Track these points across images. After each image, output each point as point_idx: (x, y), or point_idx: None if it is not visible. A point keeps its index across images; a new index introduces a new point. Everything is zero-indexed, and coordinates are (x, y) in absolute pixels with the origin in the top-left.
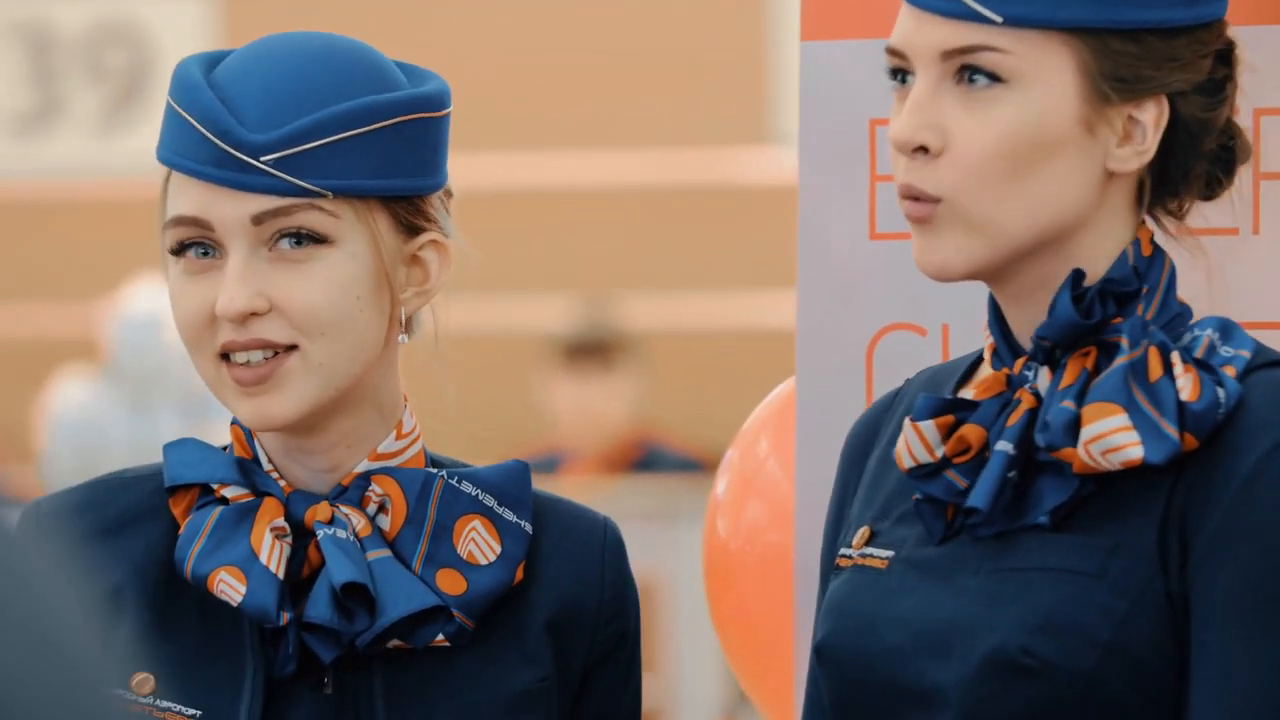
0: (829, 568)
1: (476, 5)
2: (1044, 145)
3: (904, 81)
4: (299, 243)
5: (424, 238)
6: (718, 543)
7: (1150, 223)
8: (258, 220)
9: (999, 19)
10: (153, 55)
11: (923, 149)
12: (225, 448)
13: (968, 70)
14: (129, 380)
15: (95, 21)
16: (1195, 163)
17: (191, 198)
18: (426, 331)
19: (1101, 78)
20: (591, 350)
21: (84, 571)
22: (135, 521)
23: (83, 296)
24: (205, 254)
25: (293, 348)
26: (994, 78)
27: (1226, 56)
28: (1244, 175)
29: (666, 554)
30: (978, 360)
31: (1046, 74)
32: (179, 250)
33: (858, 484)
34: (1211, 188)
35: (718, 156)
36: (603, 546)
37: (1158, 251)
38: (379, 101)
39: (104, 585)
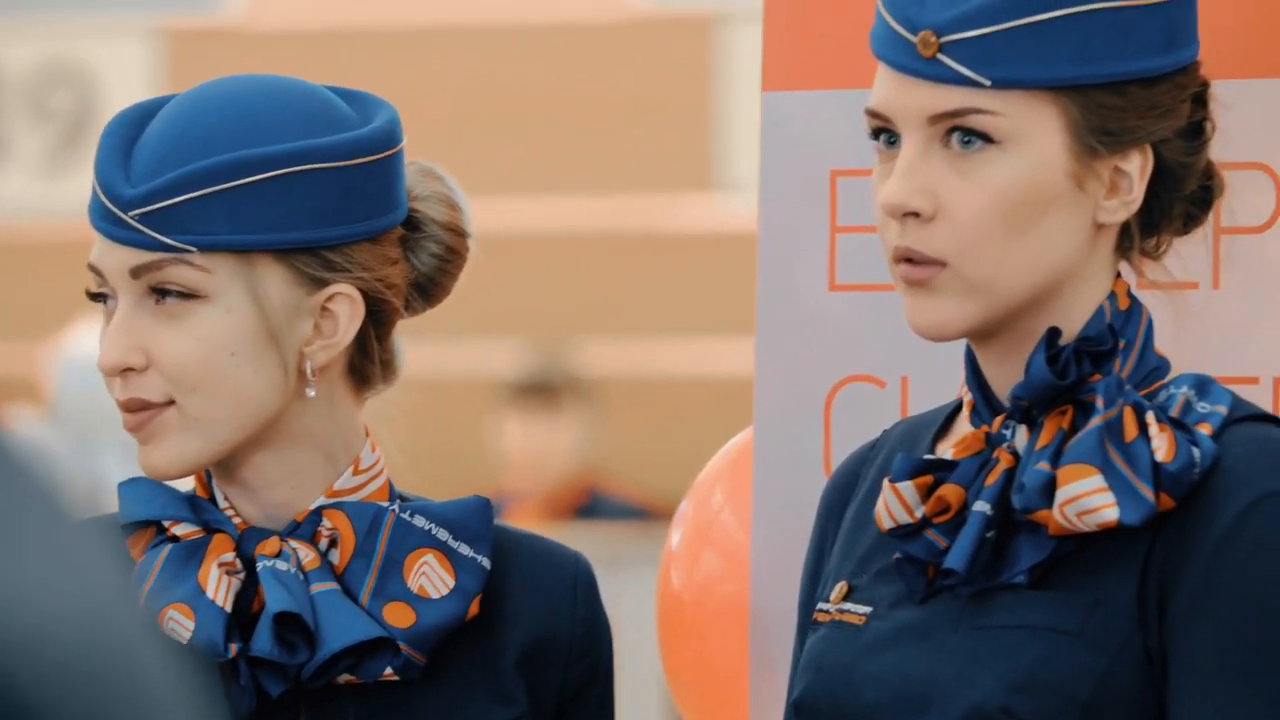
0: (806, 620)
1: (427, 53)
2: (1037, 204)
3: (890, 144)
4: (169, 297)
5: (330, 289)
6: (672, 594)
7: (1124, 271)
8: (135, 273)
9: (987, 82)
10: (98, 97)
11: (913, 214)
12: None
13: (957, 132)
14: (72, 422)
15: (41, 62)
16: (1176, 205)
17: (96, 247)
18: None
19: (1089, 132)
20: (541, 393)
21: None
22: None
23: (26, 338)
24: (108, 302)
25: (170, 403)
26: (985, 139)
27: (1202, 98)
28: (1203, 230)
29: (610, 603)
30: (954, 412)
31: (1035, 133)
32: (95, 297)
33: (835, 535)
34: (1188, 225)
35: (665, 202)
36: (574, 582)
37: (1134, 304)
38: (250, 156)
39: None
